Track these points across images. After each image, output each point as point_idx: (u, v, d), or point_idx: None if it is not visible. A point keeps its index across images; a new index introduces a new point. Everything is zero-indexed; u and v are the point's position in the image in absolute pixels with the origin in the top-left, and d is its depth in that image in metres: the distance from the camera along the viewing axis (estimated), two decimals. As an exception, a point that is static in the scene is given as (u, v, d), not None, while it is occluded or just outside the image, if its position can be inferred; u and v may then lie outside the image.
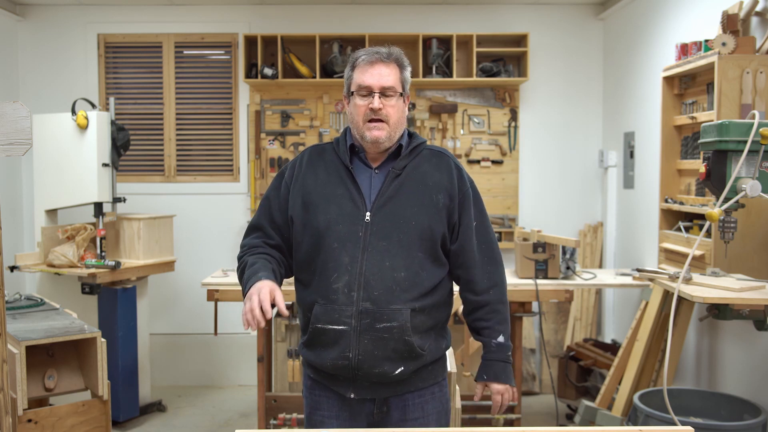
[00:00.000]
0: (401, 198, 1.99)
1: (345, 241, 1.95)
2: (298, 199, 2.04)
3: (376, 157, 2.05)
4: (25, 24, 5.32)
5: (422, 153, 2.07)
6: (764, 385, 3.27)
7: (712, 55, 3.29)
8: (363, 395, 2.01)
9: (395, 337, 1.93)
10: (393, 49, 2.03)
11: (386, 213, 1.97)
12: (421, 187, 2.01)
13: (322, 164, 2.07)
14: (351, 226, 1.96)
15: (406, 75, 2.04)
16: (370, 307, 1.93)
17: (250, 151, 5.33)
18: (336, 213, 1.98)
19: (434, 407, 2.08)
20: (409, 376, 2.00)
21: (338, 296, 1.94)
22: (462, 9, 5.34)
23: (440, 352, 2.08)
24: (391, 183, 2.00)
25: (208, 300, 3.95)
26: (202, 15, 5.35)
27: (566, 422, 4.40)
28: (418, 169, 2.03)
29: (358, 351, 1.94)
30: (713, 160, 2.60)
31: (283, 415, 3.94)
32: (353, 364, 1.95)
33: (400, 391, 2.02)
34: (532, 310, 3.99)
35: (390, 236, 1.95)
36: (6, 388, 1.98)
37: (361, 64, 2.00)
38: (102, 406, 3.07)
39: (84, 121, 4.28)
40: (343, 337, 1.95)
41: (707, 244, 3.35)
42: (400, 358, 1.95)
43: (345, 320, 1.94)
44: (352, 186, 2.00)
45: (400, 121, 2.03)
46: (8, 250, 4.85)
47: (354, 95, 2.01)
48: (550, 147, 5.42)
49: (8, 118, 1.93)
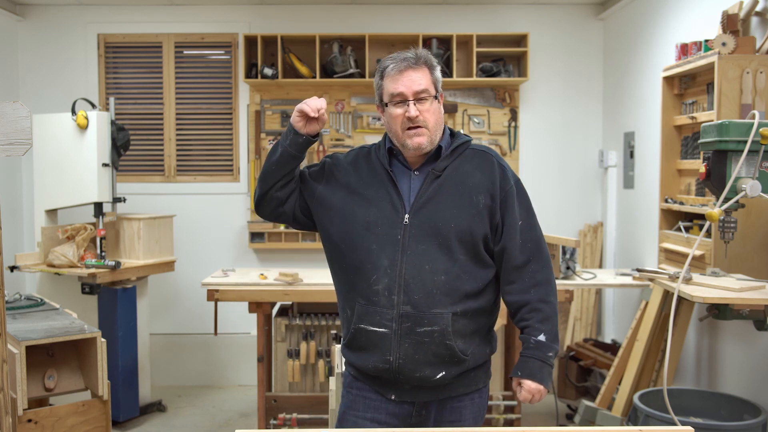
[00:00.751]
0: (440, 200, 1.96)
1: (384, 243, 1.94)
2: (339, 189, 2.03)
3: (415, 159, 2.02)
4: (25, 24, 5.32)
5: (465, 153, 2.03)
6: (764, 385, 3.27)
7: (712, 55, 3.29)
8: (404, 398, 2.00)
9: (436, 342, 1.91)
10: (420, 51, 2.00)
11: (425, 215, 1.95)
12: (461, 188, 1.97)
13: (365, 166, 2.06)
14: (390, 229, 1.95)
15: (437, 75, 2.00)
16: (410, 310, 1.91)
17: (250, 151, 5.33)
18: (375, 215, 1.97)
19: (471, 412, 2.05)
20: (450, 380, 1.98)
21: (379, 298, 1.94)
22: (462, 9, 5.34)
23: (484, 357, 2.05)
24: (431, 185, 1.97)
25: (208, 300, 3.95)
26: (202, 15, 5.35)
27: (566, 422, 4.40)
28: (459, 170, 2.00)
29: (399, 354, 1.93)
30: (713, 160, 2.60)
31: (283, 415, 3.94)
32: (394, 368, 1.94)
33: (442, 396, 2.00)
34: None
35: (429, 239, 1.93)
36: (6, 388, 1.98)
37: (391, 73, 1.97)
38: (102, 406, 3.07)
39: (84, 121, 4.28)
40: (384, 340, 1.94)
41: (707, 244, 3.35)
42: (441, 362, 1.94)
43: (386, 323, 1.93)
44: (392, 188, 1.99)
45: (439, 123, 2.00)
46: (8, 250, 4.85)
47: (388, 105, 1.98)
48: (550, 147, 5.42)
49: (8, 118, 1.93)
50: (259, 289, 3.94)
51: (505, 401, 4.01)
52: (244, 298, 3.96)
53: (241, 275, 4.25)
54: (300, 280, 3.94)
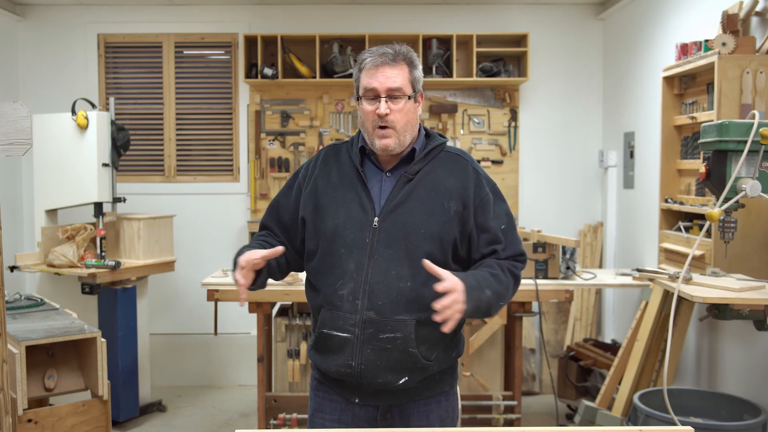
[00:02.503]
0: (411, 204, 1.90)
1: (352, 246, 1.89)
2: (310, 201, 1.98)
3: (388, 160, 1.97)
4: (25, 24, 5.32)
5: (439, 156, 1.97)
6: (764, 385, 3.27)
7: (712, 55, 3.29)
8: (368, 401, 1.97)
9: (399, 348, 1.87)
10: (401, 47, 1.93)
11: (394, 219, 1.89)
12: (433, 194, 1.91)
13: (335, 166, 2.00)
14: (359, 232, 1.90)
15: (416, 74, 1.94)
16: (373, 316, 1.87)
17: (250, 151, 5.33)
18: (344, 218, 1.92)
19: (439, 415, 2.02)
20: (414, 385, 1.94)
21: (343, 303, 1.89)
22: (462, 9, 5.34)
23: (449, 361, 2.00)
24: (402, 188, 1.92)
25: (208, 300, 3.95)
26: (202, 15, 5.35)
27: (566, 422, 4.40)
28: (432, 174, 1.94)
29: (361, 360, 1.89)
30: (713, 160, 2.60)
31: (283, 415, 3.94)
32: (356, 373, 1.90)
33: (405, 400, 1.97)
34: (532, 310, 3.99)
35: (397, 244, 1.88)
36: (6, 388, 1.98)
37: (367, 66, 1.91)
38: (102, 406, 3.07)
39: (84, 121, 4.28)
40: (347, 345, 1.90)
41: (707, 244, 3.35)
42: (404, 369, 1.89)
43: (349, 328, 1.89)
44: (362, 190, 1.93)
45: (410, 125, 1.93)
46: (8, 250, 4.85)
47: (362, 99, 1.93)
48: (550, 147, 5.42)
49: (8, 118, 1.93)
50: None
51: (505, 401, 4.01)
52: (244, 298, 3.96)
53: (241, 275, 4.24)
54: (300, 280, 3.93)
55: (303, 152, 5.31)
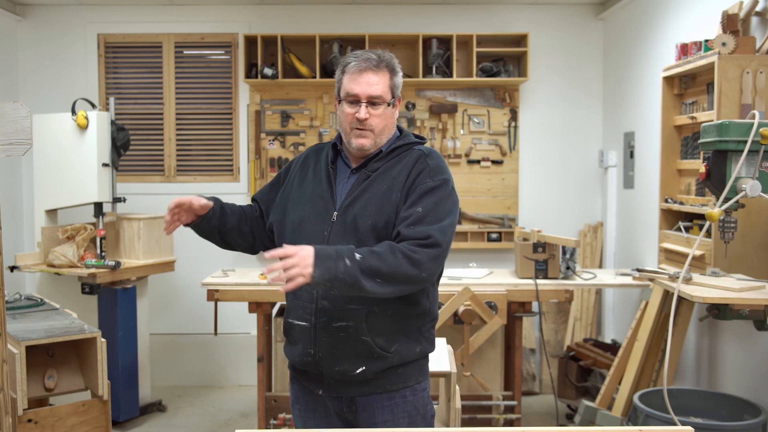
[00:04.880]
0: (364, 199, 1.98)
1: (311, 239, 1.95)
2: (283, 200, 2.12)
3: (356, 158, 2.07)
4: (25, 24, 5.32)
5: (403, 154, 2.05)
6: (764, 385, 3.27)
7: (712, 55, 3.29)
8: (330, 393, 2.03)
9: (352, 337, 1.95)
10: (384, 54, 2.02)
11: (349, 213, 1.98)
12: (385, 188, 1.99)
13: (313, 164, 2.12)
14: (319, 225, 2.00)
15: (396, 80, 2.03)
16: (327, 305, 1.96)
17: (250, 151, 5.33)
18: (309, 211, 2.03)
19: (405, 411, 2.03)
20: (373, 376, 1.98)
21: (302, 293, 1.99)
22: (462, 9, 5.34)
23: (412, 355, 2.02)
24: (360, 184, 2.01)
25: (208, 300, 3.95)
26: (202, 15, 5.35)
27: (566, 422, 4.40)
28: (389, 170, 2.02)
29: (318, 348, 1.97)
30: (713, 160, 2.60)
31: (283, 415, 3.94)
32: (315, 361, 1.98)
33: (367, 392, 2.01)
34: (532, 310, 3.99)
35: (349, 237, 1.95)
36: (6, 388, 1.98)
37: (351, 71, 2.00)
38: (102, 406, 3.07)
39: (84, 121, 4.28)
40: (305, 333, 2.00)
41: (707, 244, 3.35)
42: (360, 357, 1.96)
43: (306, 316, 1.99)
44: (327, 186, 2.04)
45: (387, 128, 2.04)
46: (8, 250, 4.85)
47: (342, 102, 2.02)
48: (550, 147, 5.42)
49: (8, 118, 1.93)
50: (259, 289, 3.95)
51: (505, 401, 4.01)
52: (244, 298, 3.96)
53: (241, 275, 4.25)
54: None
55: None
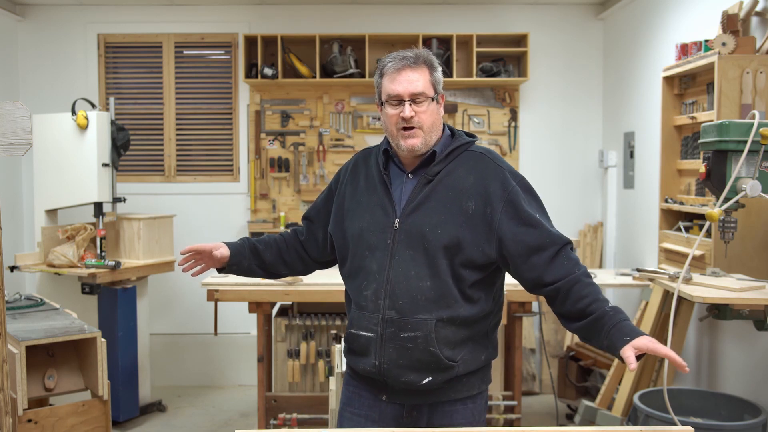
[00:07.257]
0: (430, 205, 1.92)
1: (374, 248, 1.94)
2: (340, 210, 2.07)
3: (410, 161, 1.98)
4: (25, 24, 5.32)
5: (461, 156, 1.97)
6: (764, 385, 3.27)
7: (712, 55, 3.29)
8: (395, 399, 2.01)
9: (420, 348, 1.90)
10: (420, 51, 1.96)
11: (413, 221, 1.92)
12: (451, 194, 1.92)
13: (363, 171, 2.06)
14: (381, 234, 1.95)
15: (437, 76, 1.96)
16: (394, 315, 1.91)
17: (250, 151, 5.33)
18: (368, 221, 1.97)
19: (464, 418, 2.01)
20: (440, 386, 1.95)
21: (367, 303, 1.95)
22: (462, 9, 5.34)
23: (478, 363, 1.99)
24: (422, 189, 1.94)
25: (208, 300, 3.94)
26: (202, 15, 5.35)
27: (566, 422, 4.40)
28: (452, 174, 1.94)
29: (384, 359, 1.93)
30: (713, 160, 2.60)
31: (283, 415, 3.94)
32: (381, 371, 1.95)
33: (432, 400, 1.99)
34: (532, 310, 3.99)
35: (416, 245, 1.91)
36: (6, 388, 1.98)
37: (389, 72, 1.93)
38: (102, 406, 3.07)
39: (84, 121, 4.28)
40: (370, 344, 1.95)
41: (707, 244, 3.35)
42: (426, 368, 1.92)
43: (372, 327, 1.94)
44: (384, 193, 1.98)
45: (435, 125, 1.95)
46: (8, 250, 4.85)
47: (385, 104, 1.95)
48: (550, 147, 5.42)
49: (8, 118, 1.93)
50: (259, 289, 3.94)
51: (505, 401, 4.01)
52: (244, 298, 3.96)
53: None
54: (300, 280, 3.93)
55: (303, 152, 5.31)
